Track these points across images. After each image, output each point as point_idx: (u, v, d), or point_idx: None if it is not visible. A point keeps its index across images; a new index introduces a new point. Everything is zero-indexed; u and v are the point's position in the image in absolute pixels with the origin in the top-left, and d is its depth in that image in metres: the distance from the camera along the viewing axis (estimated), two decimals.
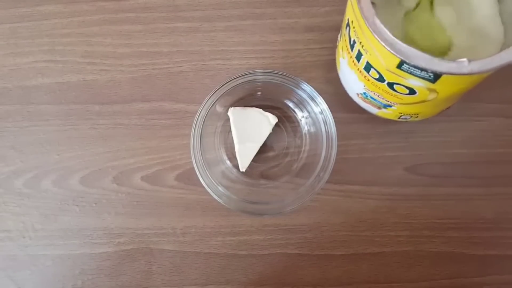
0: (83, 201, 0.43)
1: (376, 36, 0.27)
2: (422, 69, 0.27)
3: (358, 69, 0.33)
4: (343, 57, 0.36)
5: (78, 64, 0.44)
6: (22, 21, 0.45)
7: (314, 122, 0.41)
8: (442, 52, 0.34)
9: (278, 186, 0.42)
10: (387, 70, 0.29)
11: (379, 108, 0.36)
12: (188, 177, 0.43)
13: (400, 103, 0.33)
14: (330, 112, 0.39)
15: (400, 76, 0.29)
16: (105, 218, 0.43)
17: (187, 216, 0.42)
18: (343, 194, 0.42)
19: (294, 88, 0.40)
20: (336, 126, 0.39)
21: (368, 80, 0.33)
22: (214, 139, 0.42)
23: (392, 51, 0.27)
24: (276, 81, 0.40)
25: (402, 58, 0.27)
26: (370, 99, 0.36)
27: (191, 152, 0.39)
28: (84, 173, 0.43)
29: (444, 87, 0.29)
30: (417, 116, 0.37)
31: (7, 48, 0.45)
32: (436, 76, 0.27)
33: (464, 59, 0.26)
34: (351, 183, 0.42)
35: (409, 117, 0.37)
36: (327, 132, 0.39)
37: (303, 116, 0.42)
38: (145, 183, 0.43)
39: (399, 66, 0.28)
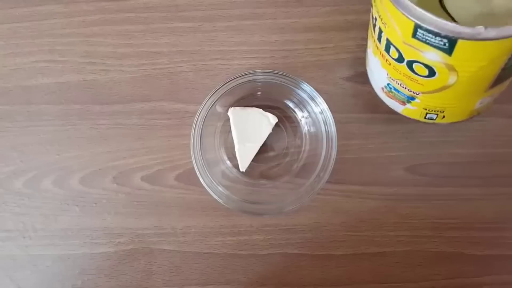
0: (83, 201, 0.43)
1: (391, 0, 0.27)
2: (436, 34, 0.26)
3: (380, 52, 0.33)
4: (369, 47, 0.36)
5: (78, 64, 0.44)
6: (22, 21, 0.45)
7: (314, 122, 0.41)
8: None
9: (278, 186, 0.42)
10: (404, 43, 0.29)
11: (404, 103, 0.36)
12: (188, 177, 0.43)
13: (423, 92, 0.33)
14: (330, 112, 0.39)
15: (416, 49, 0.28)
16: (105, 218, 0.43)
17: (187, 216, 0.42)
18: (343, 194, 0.42)
19: (294, 88, 0.40)
20: (336, 126, 0.39)
21: (390, 64, 0.32)
22: (214, 139, 0.42)
23: (405, 13, 0.26)
24: (276, 81, 0.40)
25: (415, 20, 0.26)
26: (394, 91, 0.35)
27: (191, 152, 0.39)
28: (84, 173, 0.43)
29: (462, 63, 0.28)
30: (444, 116, 0.36)
31: (7, 48, 0.45)
32: (451, 44, 0.26)
33: (481, 26, 0.25)
34: (351, 183, 0.42)
35: (435, 116, 0.36)
36: (327, 132, 0.39)
37: (303, 116, 0.42)
38: (145, 183, 0.43)
39: (414, 34, 0.27)
